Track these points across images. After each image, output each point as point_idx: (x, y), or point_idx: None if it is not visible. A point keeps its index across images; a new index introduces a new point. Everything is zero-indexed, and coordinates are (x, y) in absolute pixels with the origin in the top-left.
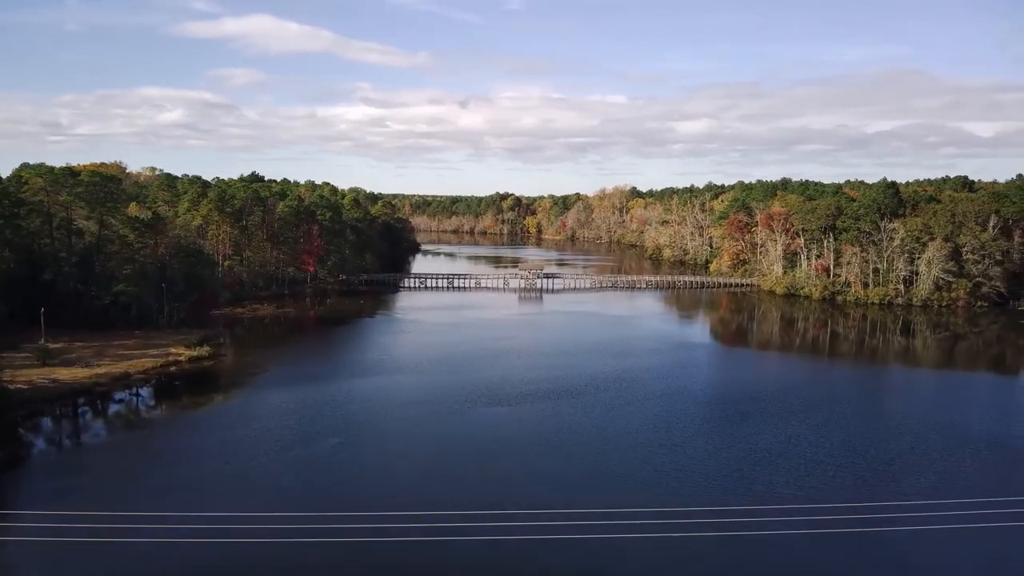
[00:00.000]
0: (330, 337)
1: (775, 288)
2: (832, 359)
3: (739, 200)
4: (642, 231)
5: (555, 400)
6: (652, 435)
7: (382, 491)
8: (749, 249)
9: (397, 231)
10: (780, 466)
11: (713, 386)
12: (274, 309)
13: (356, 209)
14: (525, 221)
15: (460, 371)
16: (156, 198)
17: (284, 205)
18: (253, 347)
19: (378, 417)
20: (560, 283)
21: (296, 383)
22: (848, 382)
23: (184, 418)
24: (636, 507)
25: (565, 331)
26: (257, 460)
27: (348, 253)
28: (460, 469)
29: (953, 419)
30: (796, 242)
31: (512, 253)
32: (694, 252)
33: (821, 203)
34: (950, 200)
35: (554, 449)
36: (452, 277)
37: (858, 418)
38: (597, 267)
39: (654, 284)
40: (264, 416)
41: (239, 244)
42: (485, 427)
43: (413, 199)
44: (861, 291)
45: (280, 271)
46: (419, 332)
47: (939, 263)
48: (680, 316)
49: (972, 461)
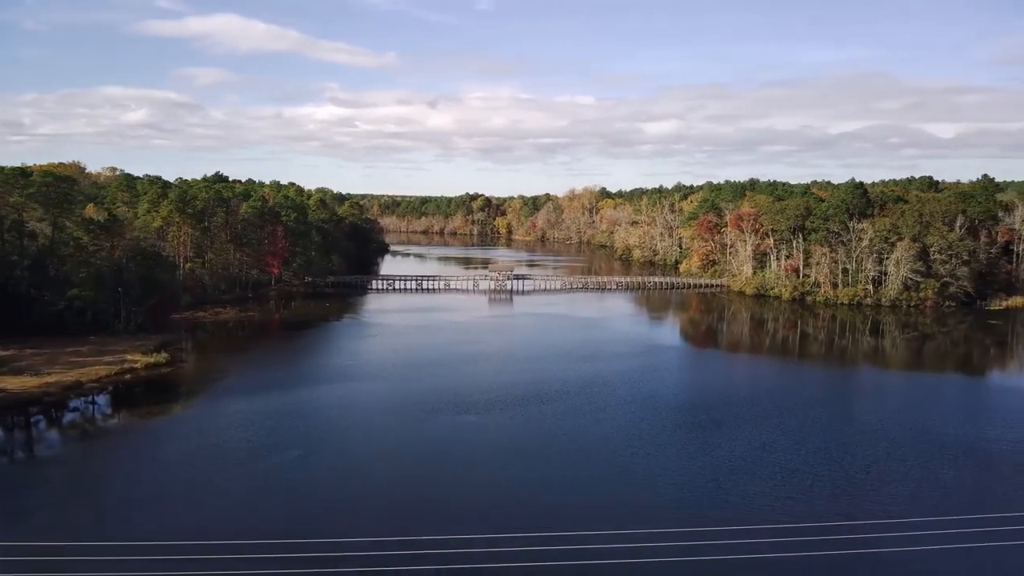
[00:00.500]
0: (293, 342)
1: (745, 289)
2: (803, 361)
3: (708, 201)
4: (612, 232)
5: (524, 407)
6: (624, 443)
7: (341, 510)
8: (719, 250)
9: (365, 232)
10: (756, 474)
11: (685, 391)
12: (237, 313)
13: (322, 210)
14: (495, 222)
15: (427, 377)
16: (115, 199)
17: (248, 206)
18: (213, 353)
19: (341, 427)
20: (530, 284)
21: (256, 391)
22: (820, 385)
23: (136, 430)
24: (610, 527)
25: (535, 334)
26: (211, 476)
27: (314, 255)
28: (424, 484)
29: (926, 423)
30: (766, 242)
31: (482, 254)
32: (664, 253)
33: (790, 203)
34: (917, 200)
35: (523, 460)
36: (421, 279)
37: (832, 423)
38: (567, 268)
39: (624, 285)
40: (221, 427)
41: (201, 246)
42: (451, 437)
43: (382, 199)
44: (831, 291)
45: (244, 273)
46: (386, 336)
47: (907, 263)
48: (650, 318)
49: (950, 468)
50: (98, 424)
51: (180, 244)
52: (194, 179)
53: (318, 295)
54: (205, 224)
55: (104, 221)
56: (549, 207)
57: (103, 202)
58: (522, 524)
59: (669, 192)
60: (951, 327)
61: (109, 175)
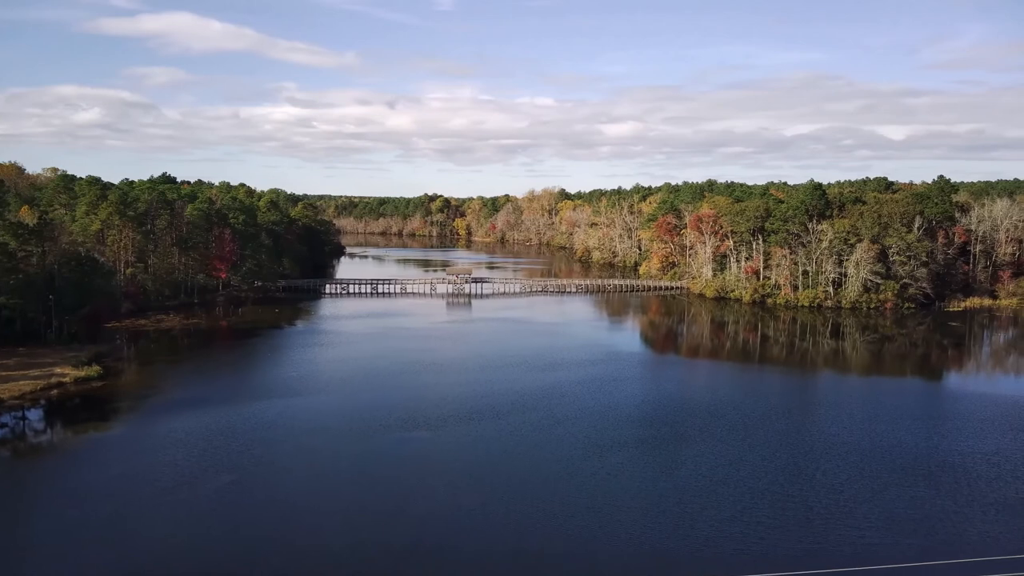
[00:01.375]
0: (237, 351)
1: (705, 291)
2: (766, 366)
3: (667, 202)
4: (571, 233)
5: (479, 422)
6: (583, 463)
7: (275, 545)
8: (678, 252)
9: (319, 234)
10: (724, 497)
11: (648, 402)
12: (181, 320)
13: (273, 212)
14: (454, 223)
15: (377, 390)
16: (52, 201)
17: (193, 208)
18: (151, 364)
19: (279, 448)
20: (489, 288)
21: (192, 407)
22: (785, 393)
23: (54, 455)
24: (568, 559)
25: (492, 341)
26: (128, 509)
27: (264, 258)
28: (369, 513)
29: (896, 435)
30: (725, 244)
31: (441, 256)
32: (623, 255)
33: (749, 205)
34: (875, 201)
35: (476, 482)
36: (376, 283)
37: (799, 435)
38: (527, 271)
39: (584, 288)
40: (148, 450)
41: (143, 250)
42: (401, 457)
43: (340, 200)
44: (791, 294)
45: (189, 279)
46: (336, 344)
47: (867, 264)
48: (610, 322)
49: (924, 486)
50: (12, 448)
51: (121, 248)
52: (140, 180)
53: (268, 300)
54: (148, 227)
55: (34, 225)
56: (509, 208)
57: (39, 204)
58: (473, 552)
59: (628, 193)
60: (912, 329)
61: (51, 176)
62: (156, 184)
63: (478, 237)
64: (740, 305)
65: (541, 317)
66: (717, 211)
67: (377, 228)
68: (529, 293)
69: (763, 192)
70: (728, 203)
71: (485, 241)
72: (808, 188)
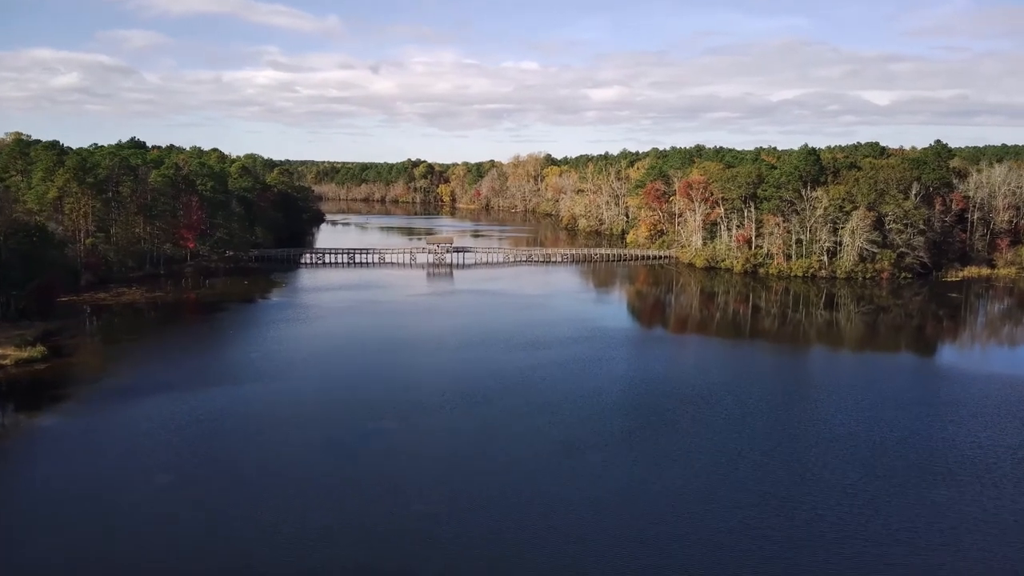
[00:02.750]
0: (197, 329)
1: (695, 261)
2: (761, 344)
3: (656, 168)
4: (557, 200)
5: (453, 410)
6: (564, 459)
7: (212, 563)
8: (667, 219)
9: (296, 201)
10: (724, 503)
11: (635, 385)
12: (144, 293)
13: (245, 178)
14: (438, 189)
15: (343, 374)
16: (8, 167)
17: (157, 174)
18: (104, 343)
19: (227, 443)
20: (471, 257)
21: (137, 394)
22: (782, 374)
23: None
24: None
25: (472, 317)
26: (38, 520)
27: (235, 227)
28: (321, 524)
29: (906, 423)
30: (716, 212)
31: (425, 224)
32: (610, 222)
33: (741, 171)
34: (871, 167)
35: (443, 485)
36: (354, 252)
37: (801, 425)
38: (512, 239)
39: (569, 258)
40: (80, 447)
41: (105, 219)
42: (361, 453)
43: (322, 166)
44: (784, 263)
45: (155, 249)
46: (304, 320)
47: (863, 233)
48: (596, 295)
49: (944, 487)
50: None
51: (80, 217)
52: (101, 146)
53: (239, 271)
54: (109, 195)
55: None
56: (494, 174)
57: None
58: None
59: (615, 159)
60: (909, 300)
61: (8, 141)
62: (119, 149)
63: (462, 204)
64: (731, 275)
65: (525, 289)
66: (707, 177)
67: (359, 194)
68: (513, 263)
69: (755, 158)
70: (719, 169)
71: (469, 208)
72: (802, 153)
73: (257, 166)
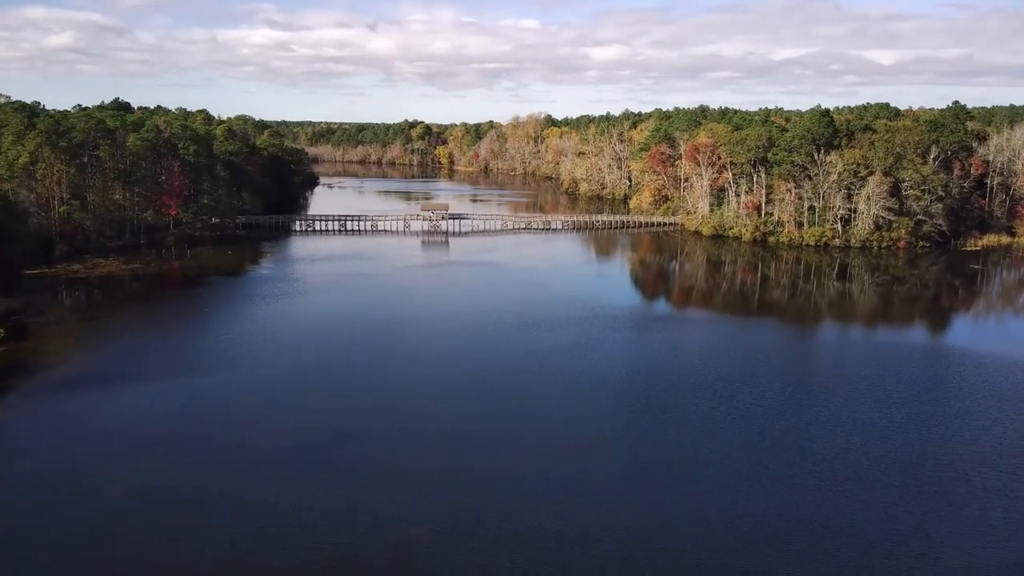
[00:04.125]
0: (171, 305)
1: (701, 228)
2: (777, 322)
3: (660, 130)
4: (558, 163)
5: (436, 409)
6: (563, 474)
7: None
8: (672, 184)
9: (287, 164)
10: (750, 530)
11: (641, 375)
12: (120, 264)
13: (231, 141)
14: (436, 151)
15: (317, 364)
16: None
17: (136, 137)
18: (69, 323)
19: (188, 447)
20: (468, 225)
21: (92, 386)
22: (804, 361)
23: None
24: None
25: (466, 292)
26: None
27: (220, 193)
28: (283, 547)
29: (947, 421)
30: (723, 177)
31: (422, 188)
32: (612, 186)
33: (751, 133)
34: (886, 129)
35: (426, 506)
36: (345, 219)
37: (829, 424)
38: (512, 204)
39: (570, 225)
40: (25, 449)
41: (81, 186)
42: (333, 459)
43: (319, 127)
44: (795, 232)
45: (136, 216)
46: (285, 296)
47: (879, 200)
48: (597, 266)
49: (1001, 505)
50: None
51: (53, 184)
52: (91, 107)
53: (225, 239)
54: (85, 160)
55: None
56: (493, 136)
57: None
58: None
59: (617, 120)
60: (929, 271)
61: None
62: (100, 111)
63: (460, 166)
64: (739, 244)
65: (522, 260)
66: (715, 140)
67: (355, 156)
68: (512, 231)
69: (764, 119)
70: (727, 131)
71: (468, 171)
72: (814, 115)
73: (248, 128)
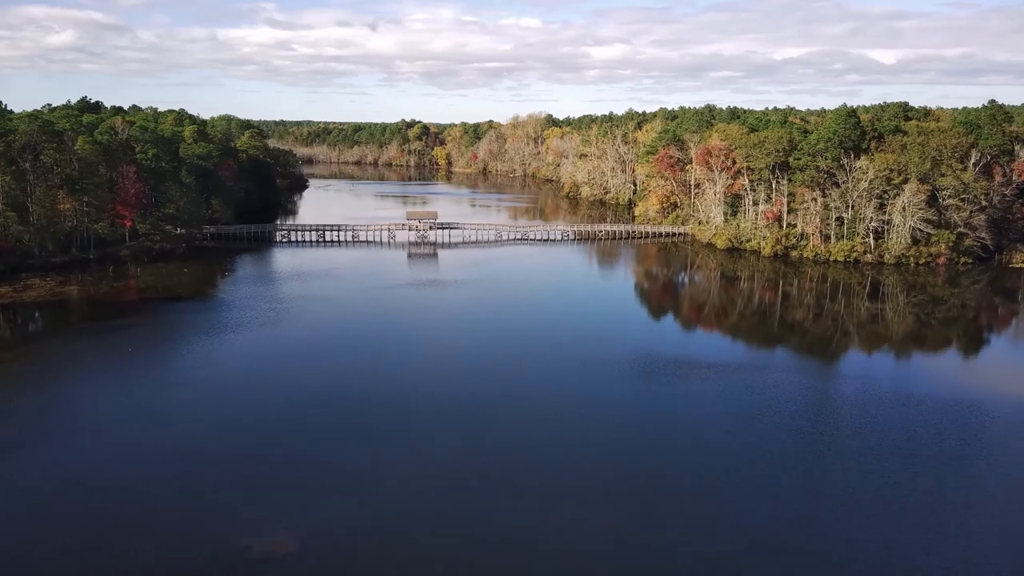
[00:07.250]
0: (89, 344)
1: (715, 240)
2: (813, 360)
3: (668, 131)
4: (558, 164)
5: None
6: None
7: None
8: (681, 190)
9: (269, 167)
10: None
11: (644, 437)
12: (54, 286)
13: (200, 143)
14: (434, 152)
15: (249, 434)
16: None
17: (84, 141)
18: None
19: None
20: (458, 235)
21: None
22: (845, 407)
23: None
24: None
25: (447, 328)
26: None
27: (184, 202)
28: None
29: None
30: (739, 183)
31: (416, 191)
32: (616, 191)
33: (770, 135)
34: (918, 131)
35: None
36: (323, 230)
37: (881, 495)
38: (510, 209)
39: (571, 235)
40: None
41: (18, 194)
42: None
43: (314, 127)
44: (821, 246)
45: (86, 228)
46: (232, 331)
47: (915, 210)
48: (602, 287)
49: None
50: None
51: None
52: (58, 107)
53: (190, 252)
54: (24, 166)
55: None
56: (492, 136)
57: None
58: None
59: (621, 120)
60: (971, 291)
61: None
62: (59, 111)
63: (459, 167)
64: (758, 259)
65: (517, 279)
66: (729, 143)
67: (351, 157)
68: (507, 242)
69: (783, 120)
70: (741, 133)
71: (466, 172)
72: (839, 115)
73: (232, 128)
